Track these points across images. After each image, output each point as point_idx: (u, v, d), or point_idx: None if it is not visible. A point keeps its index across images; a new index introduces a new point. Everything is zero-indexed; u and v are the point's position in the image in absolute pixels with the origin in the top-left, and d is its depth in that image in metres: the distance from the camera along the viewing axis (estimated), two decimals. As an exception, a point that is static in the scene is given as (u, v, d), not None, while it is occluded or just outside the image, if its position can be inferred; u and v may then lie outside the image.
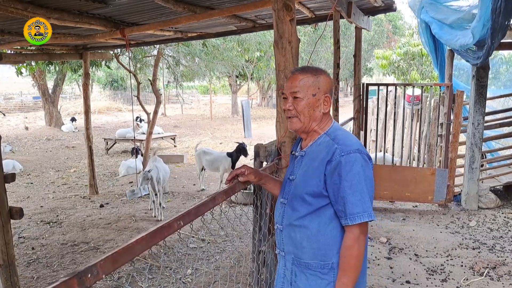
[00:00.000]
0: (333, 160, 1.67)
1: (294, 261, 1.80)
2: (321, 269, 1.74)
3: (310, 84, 1.76)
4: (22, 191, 8.02)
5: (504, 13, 3.07)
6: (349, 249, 1.67)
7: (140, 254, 1.24)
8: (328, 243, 1.73)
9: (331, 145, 1.72)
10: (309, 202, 1.74)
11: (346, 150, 1.68)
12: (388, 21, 30.05)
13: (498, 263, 4.25)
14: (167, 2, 3.78)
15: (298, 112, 1.77)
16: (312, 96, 1.76)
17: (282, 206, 1.87)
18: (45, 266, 4.60)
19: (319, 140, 1.80)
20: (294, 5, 2.34)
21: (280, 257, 1.90)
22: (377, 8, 5.34)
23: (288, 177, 1.89)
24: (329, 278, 1.73)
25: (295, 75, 1.79)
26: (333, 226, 1.73)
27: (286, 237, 1.83)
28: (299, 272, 1.79)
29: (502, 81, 15.34)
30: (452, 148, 6.18)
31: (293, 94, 1.77)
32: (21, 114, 24.52)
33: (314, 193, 1.73)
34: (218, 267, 4.34)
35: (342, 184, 1.65)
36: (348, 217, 1.65)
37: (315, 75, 1.78)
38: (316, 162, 1.74)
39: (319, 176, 1.71)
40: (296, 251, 1.79)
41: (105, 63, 9.59)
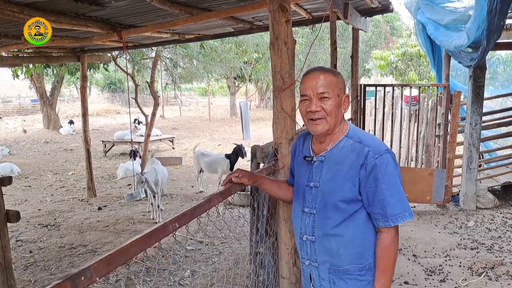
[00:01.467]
0: (368, 163, 1.64)
1: (330, 270, 1.76)
2: (359, 271, 1.73)
3: (335, 84, 1.70)
4: (20, 194, 8.00)
5: (500, 14, 3.08)
6: (387, 249, 1.67)
7: (134, 256, 1.23)
8: (364, 246, 1.72)
9: (361, 148, 1.67)
10: (343, 209, 1.69)
11: (378, 152, 1.65)
12: (385, 22, 30.07)
13: (497, 263, 4.25)
14: (163, 4, 3.78)
15: (326, 113, 1.68)
16: (337, 97, 1.70)
17: (309, 216, 1.78)
18: (43, 270, 4.59)
19: (340, 144, 1.73)
20: (289, 6, 2.34)
21: (311, 268, 1.82)
22: (374, 9, 5.34)
23: (306, 184, 1.81)
24: (368, 278, 1.73)
25: (316, 74, 1.70)
26: (367, 229, 1.72)
27: (319, 247, 1.76)
28: (337, 279, 1.75)
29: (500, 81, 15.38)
30: (450, 149, 6.19)
31: (320, 95, 1.68)
32: (19, 117, 24.52)
33: (349, 199, 1.68)
34: (216, 269, 4.33)
35: (380, 186, 1.63)
36: (390, 219, 1.64)
37: (335, 75, 1.72)
38: (345, 167, 1.68)
39: (353, 181, 1.67)
40: (333, 260, 1.74)
41: (103, 66, 9.59)
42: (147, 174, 6.14)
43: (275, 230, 2.59)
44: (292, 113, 2.37)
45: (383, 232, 1.68)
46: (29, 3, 3.58)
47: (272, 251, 2.64)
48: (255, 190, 2.43)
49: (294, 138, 2.43)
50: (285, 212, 2.44)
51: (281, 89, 2.32)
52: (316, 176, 1.77)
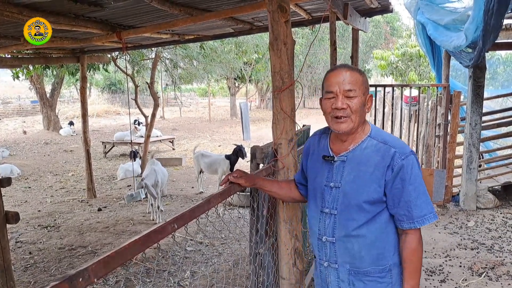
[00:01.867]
0: (395, 164, 1.62)
1: (350, 272, 1.73)
2: (380, 273, 1.71)
3: (361, 82, 1.65)
4: (19, 196, 7.99)
5: (497, 14, 3.07)
6: (415, 251, 1.66)
7: (133, 257, 1.23)
8: (385, 247, 1.70)
9: (387, 149, 1.64)
10: (367, 210, 1.66)
11: (404, 153, 1.63)
12: (385, 22, 30.10)
13: (497, 263, 4.24)
14: (163, 4, 3.77)
15: (352, 111, 1.63)
16: (363, 95, 1.65)
17: (329, 216, 1.74)
18: (42, 271, 4.58)
19: (364, 144, 1.70)
20: (289, 7, 2.34)
21: (330, 270, 1.78)
22: (374, 9, 5.33)
23: (325, 184, 1.76)
24: (388, 280, 1.71)
25: (344, 71, 1.65)
26: (389, 230, 1.71)
27: (340, 248, 1.72)
28: (356, 280, 1.73)
29: (500, 81, 15.38)
30: (450, 149, 6.18)
31: (347, 92, 1.62)
32: (19, 118, 24.50)
33: (373, 200, 1.66)
34: (215, 270, 4.33)
35: (406, 188, 1.62)
36: (416, 221, 1.63)
37: (361, 73, 1.68)
38: (370, 168, 1.65)
39: (378, 182, 1.64)
40: (354, 261, 1.71)
41: (103, 66, 9.59)
42: (146, 179, 6.12)
43: (275, 230, 2.59)
44: (291, 114, 2.37)
45: (409, 234, 1.67)
46: (28, 4, 3.58)
47: (272, 252, 2.64)
48: (254, 191, 2.43)
49: (293, 138, 2.42)
50: (285, 213, 2.44)
51: (281, 90, 2.32)
52: (337, 176, 1.72)
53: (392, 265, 1.71)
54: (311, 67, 26.29)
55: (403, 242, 1.69)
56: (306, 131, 3.92)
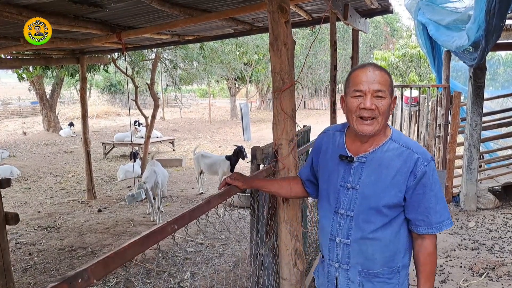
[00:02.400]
0: (418, 171, 1.60)
1: (362, 273, 1.72)
2: (388, 274, 1.71)
3: (390, 83, 1.61)
4: (19, 197, 7.99)
5: (498, 14, 3.07)
6: (431, 256, 1.67)
7: (132, 258, 1.22)
8: (397, 250, 1.70)
9: (410, 154, 1.62)
10: (385, 213, 1.65)
11: (427, 159, 1.62)
12: (386, 23, 30.13)
13: (497, 263, 4.23)
14: (163, 5, 3.77)
15: (380, 113, 1.58)
16: (390, 97, 1.60)
17: (345, 218, 1.71)
18: (42, 272, 4.57)
19: (385, 146, 1.66)
20: (289, 7, 2.33)
21: (340, 271, 1.76)
22: (374, 10, 5.33)
23: (340, 184, 1.72)
24: (395, 281, 1.72)
25: (374, 70, 1.59)
26: (401, 233, 1.70)
27: (354, 251, 1.70)
28: (366, 281, 1.72)
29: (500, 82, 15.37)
30: (450, 149, 6.18)
31: (377, 93, 1.57)
32: (19, 119, 24.49)
33: (393, 204, 1.64)
34: (216, 271, 4.32)
35: (428, 194, 1.61)
36: (435, 226, 1.63)
37: (388, 74, 1.63)
38: (392, 171, 1.62)
39: (400, 187, 1.62)
40: (366, 262, 1.70)
41: (103, 67, 9.59)
42: (147, 183, 6.11)
43: (275, 231, 2.58)
44: (292, 114, 2.36)
45: (426, 239, 1.67)
46: (28, 4, 3.57)
47: (272, 253, 2.63)
48: (255, 191, 2.42)
49: (294, 139, 2.42)
50: (285, 214, 2.43)
51: (281, 90, 2.31)
52: (355, 177, 1.69)
53: (401, 266, 1.72)
54: (311, 68, 26.30)
55: (419, 246, 1.69)
56: (306, 131, 3.91)
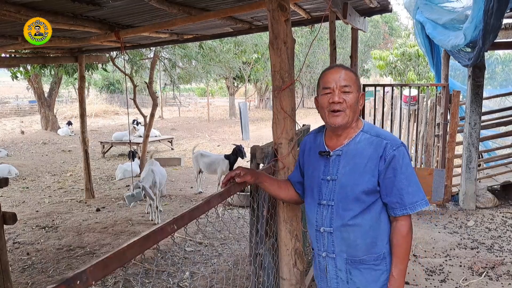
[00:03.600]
0: (387, 155, 1.72)
1: (347, 261, 1.81)
2: (374, 261, 1.79)
3: (355, 80, 1.78)
4: (17, 196, 7.96)
5: (496, 14, 3.07)
6: (405, 237, 1.75)
7: (132, 259, 1.21)
8: (379, 236, 1.79)
9: (379, 141, 1.75)
10: (362, 200, 1.75)
11: (396, 144, 1.74)
12: (384, 22, 30.13)
13: (497, 262, 4.23)
14: (161, 4, 3.75)
15: (347, 106, 1.75)
16: (357, 92, 1.77)
17: (327, 208, 1.82)
18: (40, 272, 4.55)
19: (357, 138, 1.80)
20: (289, 6, 2.32)
21: (327, 260, 1.86)
22: (373, 9, 5.31)
23: (321, 177, 1.85)
24: (382, 268, 1.80)
25: (339, 69, 1.78)
26: (381, 219, 1.79)
27: (337, 238, 1.80)
28: (353, 269, 1.81)
29: (498, 81, 15.37)
30: (449, 148, 6.17)
31: (343, 88, 1.74)
32: (17, 118, 24.44)
33: (368, 190, 1.74)
34: (215, 271, 4.31)
35: (398, 177, 1.71)
36: (408, 207, 1.72)
37: (354, 73, 1.81)
38: (364, 159, 1.75)
39: (372, 173, 1.73)
40: (350, 250, 1.79)
41: (102, 66, 9.56)
42: (143, 181, 6.08)
43: (275, 231, 2.57)
44: (292, 113, 2.35)
45: (399, 221, 1.76)
46: (26, 3, 3.55)
47: (272, 252, 2.62)
48: (254, 190, 2.41)
49: (294, 138, 2.40)
50: (285, 213, 2.42)
51: (281, 89, 2.30)
52: (333, 169, 1.81)
53: (386, 253, 1.80)
54: (310, 66, 26.29)
55: (393, 229, 1.78)
56: (306, 130, 3.90)
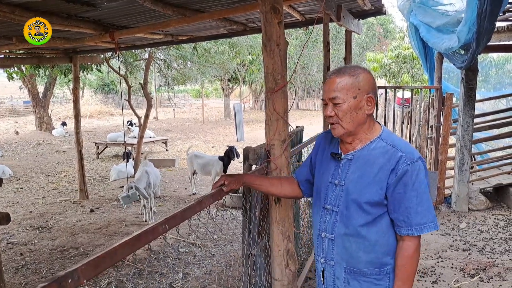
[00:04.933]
0: (399, 169, 1.61)
1: (346, 270, 1.73)
2: (376, 275, 1.70)
3: (349, 87, 1.64)
4: (11, 196, 7.92)
5: (490, 17, 3.10)
6: (411, 259, 1.65)
7: (123, 258, 1.22)
8: (384, 252, 1.69)
9: (393, 152, 1.64)
10: (367, 211, 1.66)
11: (411, 159, 1.61)
12: (379, 24, 30.23)
13: (488, 264, 4.27)
14: (156, 5, 3.76)
15: (339, 118, 1.66)
16: (353, 99, 1.64)
17: (330, 213, 1.75)
18: (34, 272, 4.54)
19: (372, 145, 1.70)
20: (282, 8, 2.34)
21: (325, 266, 1.79)
22: (367, 11, 5.35)
23: (329, 180, 1.77)
24: (384, 284, 1.71)
25: (332, 79, 1.67)
26: (389, 235, 1.69)
27: (338, 247, 1.73)
28: (352, 279, 1.73)
29: (492, 84, 15.47)
30: (442, 150, 6.21)
31: (332, 100, 1.66)
32: (11, 119, 24.30)
33: (374, 202, 1.65)
34: (208, 272, 4.32)
35: (408, 194, 1.60)
36: (414, 228, 1.62)
37: (353, 75, 1.66)
38: (374, 169, 1.65)
39: (380, 185, 1.63)
40: (351, 260, 1.71)
41: (96, 67, 9.54)
42: (137, 181, 6.07)
43: (268, 232, 2.58)
44: (284, 115, 2.37)
45: (406, 241, 1.65)
46: (20, 3, 3.55)
47: (264, 253, 2.63)
48: (247, 192, 2.42)
49: (286, 139, 2.42)
50: (277, 214, 2.43)
51: (274, 91, 2.32)
52: (342, 174, 1.73)
53: (390, 268, 1.71)
54: (304, 68, 26.34)
55: (399, 248, 1.67)
56: (299, 132, 3.92)
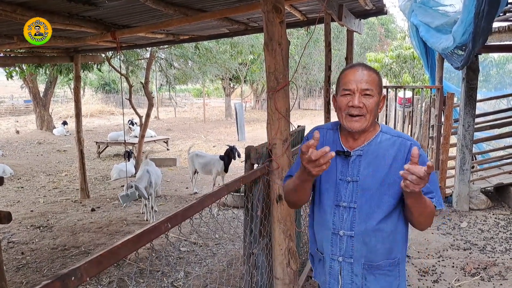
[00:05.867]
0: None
1: (365, 266, 1.74)
2: (389, 266, 1.75)
3: (378, 83, 1.68)
4: (12, 196, 7.94)
5: (487, 17, 3.09)
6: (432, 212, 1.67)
7: (125, 256, 1.22)
8: (397, 241, 1.75)
9: (402, 141, 1.69)
10: (387, 204, 1.68)
11: (418, 145, 1.68)
12: (380, 24, 30.22)
13: (489, 263, 4.27)
14: (158, 4, 3.76)
15: (368, 110, 1.64)
16: (378, 95, 1.67)
17: (347, 210, 1.72)
18: (35, 271, 4.55)
19: (377, 138, 1.72)
20: (283, 7, 2.34)
21: (343, 264, 1.76)
22: (368, 11, 5.34)
23: (340, 178, 1.74)
24: (395, 274, 1.77)
25: (362, 70, 1.66)
26: (399, 224, 1.74)
27: (358, 243, 1.72)
28: (368, 274, 1.75)
29: (493, 84, 15.47)
30: (443, 150, 6.22)
31: (364, 91, 1.63)
32: (12, 118, 24.32)
33: (394, 192, 1.67)
34: (209, 271, 4.32)
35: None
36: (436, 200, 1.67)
37: (377, 73, 1.70)
38: (388, 160, 1.68)
39: (398, 174, 1.60)
40: (369, 255, 1.73)
41: (97, 66, 9.55)
42: (138, 181, 6.08)
43: (269, 231, 2.59)
44: (286, 114, 2.37)
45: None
46: (21, 2, 3.55)
47: (265, 252, 2.64)
48: (248, 190, 2.43)
49: (288, 138, 2.43)
50: (279, 213, 2.44)
51: (275, 90, 2.32)
52: (354, 170, 1.72)
53: (400, 258, 1.77)
54: (306, 68, 26.34)
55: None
56: (300, 131, 3.93)
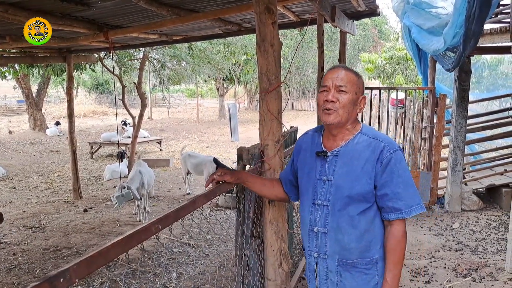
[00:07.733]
0: (383, 158, 1.71)
1: (339, 263, 1.80)
2: (366, 265, 1.78)
3: (355, 82, 1.76)
4: (4, 196, 7.87)
5: (478, 20, 3.11)
6: (400, 242, 1.73)
7: (116, 257, 1.22)
8: (372, 240, 1.77)
9: (376, 144, 1.74)
10: (358, 202, 1.74)
11: (393, 148, 1.73)
12: (373, 25, 30.36)
13: (481, 264, 4.30)
14: (150, 5, 3.76)
15: (341, 105, 1.73)
16: (354, 94, 1.75)
17: (322, 208, 1.81)
18: (27, 272, 4.52)
19: (355, 140, 1.78)
20: (276, 8, 2.34)
21: (318, 260, 1.85)
22: (361, 12, 5.37)
23: (317, 177, 1.83)
24: (373, 272, 1.79)
25: (340, 70, 1.78)
26: (376, 223, 1.78)
27: (331, 240, 1.79)
28: (344, 271, 1.80)
29: (486, 85, 15.58)
30: (435, 151, 6.25)
31: (339, 87, 1.73)
32: (5, 118, 24.13)
33: (365, 192, 1.73)
34: (202, 272, 4.31)
35: (395, 180, 1.70)
36: (404, 211, 1.71)
37: (356, 75, 1.80)
38: (361, 161, 1.73)
39: (369, 175, 1.72)
40: (344, 252, 1.78)
41: (90, 66, 9.50)
42: (130, 182, 6.05)
43: (261, 232, 2.59)
44: (278, 115, 2.37)
45: (394, 225, 1.74)
46: (14, 2, 3.53)
47: (257, 253, 2.64)
48: (241, 191, 2.43)
49: (280, 140, 2.43)
50: (271, 214, 2.44)
51: (268, 91, 2.32)
52: (330, 170, 1.80)
53: (378, 257, 1.79)
54: (299, 69, 26.38)
55: (388, 233, 1.76)
56: (293, 132, 3.93)
